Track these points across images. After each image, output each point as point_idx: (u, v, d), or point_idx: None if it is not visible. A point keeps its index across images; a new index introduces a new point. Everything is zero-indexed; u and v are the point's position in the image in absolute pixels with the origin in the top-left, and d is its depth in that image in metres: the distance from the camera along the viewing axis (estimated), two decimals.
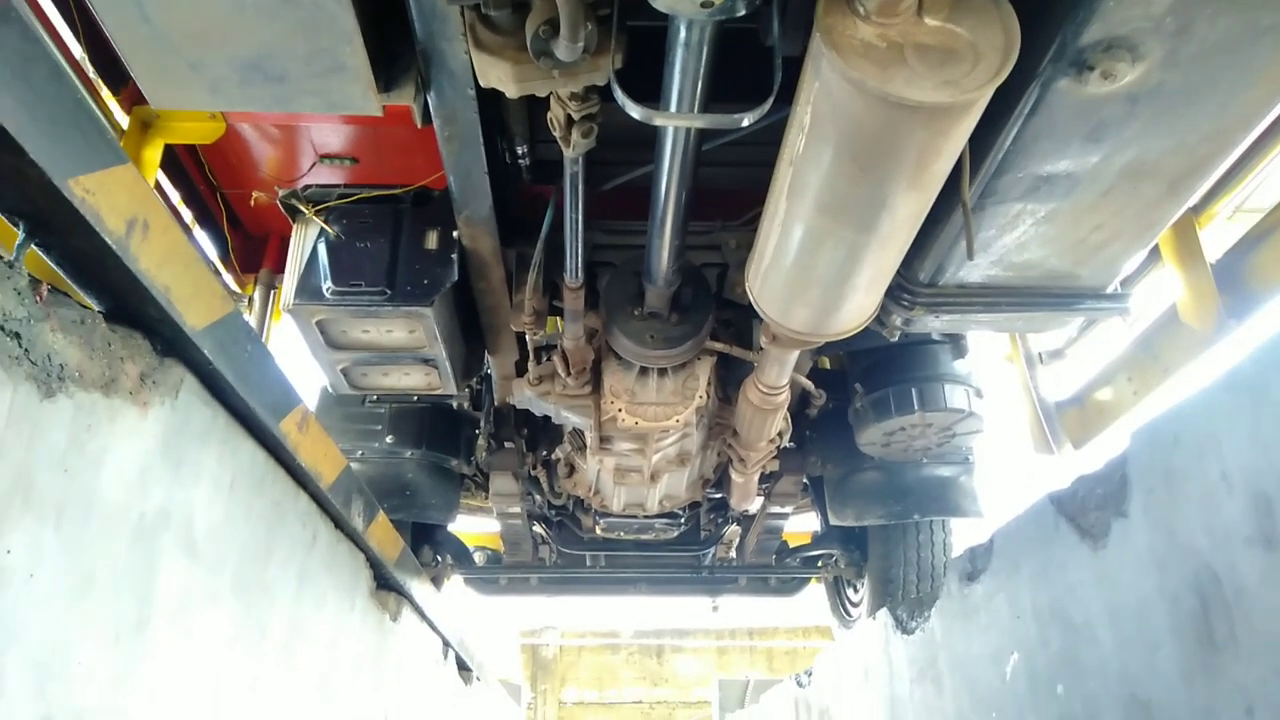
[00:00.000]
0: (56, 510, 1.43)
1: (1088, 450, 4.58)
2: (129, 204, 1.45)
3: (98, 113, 1.34)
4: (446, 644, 5.22)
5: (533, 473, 5.85)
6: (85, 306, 1.52)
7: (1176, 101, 2.24)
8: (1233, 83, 2.21)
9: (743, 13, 1.97)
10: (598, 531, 6.72)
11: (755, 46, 2.36)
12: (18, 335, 1.29)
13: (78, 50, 3.64)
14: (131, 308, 1.61)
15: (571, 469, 5.57)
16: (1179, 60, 2.10)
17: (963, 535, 5.81)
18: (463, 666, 5.92)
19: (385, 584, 3.71)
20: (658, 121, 2.33)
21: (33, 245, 1.42)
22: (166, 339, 1.72)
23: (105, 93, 3.84)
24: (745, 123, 2.25)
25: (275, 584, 2.39)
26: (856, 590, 7.02)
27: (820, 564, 7.10)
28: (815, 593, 7.88)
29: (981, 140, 2.32)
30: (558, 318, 3.89)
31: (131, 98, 3.89)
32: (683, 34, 2.16)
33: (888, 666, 4.28)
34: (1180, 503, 1.88)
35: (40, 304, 1.33)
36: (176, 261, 1.63)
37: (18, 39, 1.19)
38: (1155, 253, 3.79)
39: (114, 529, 1.61)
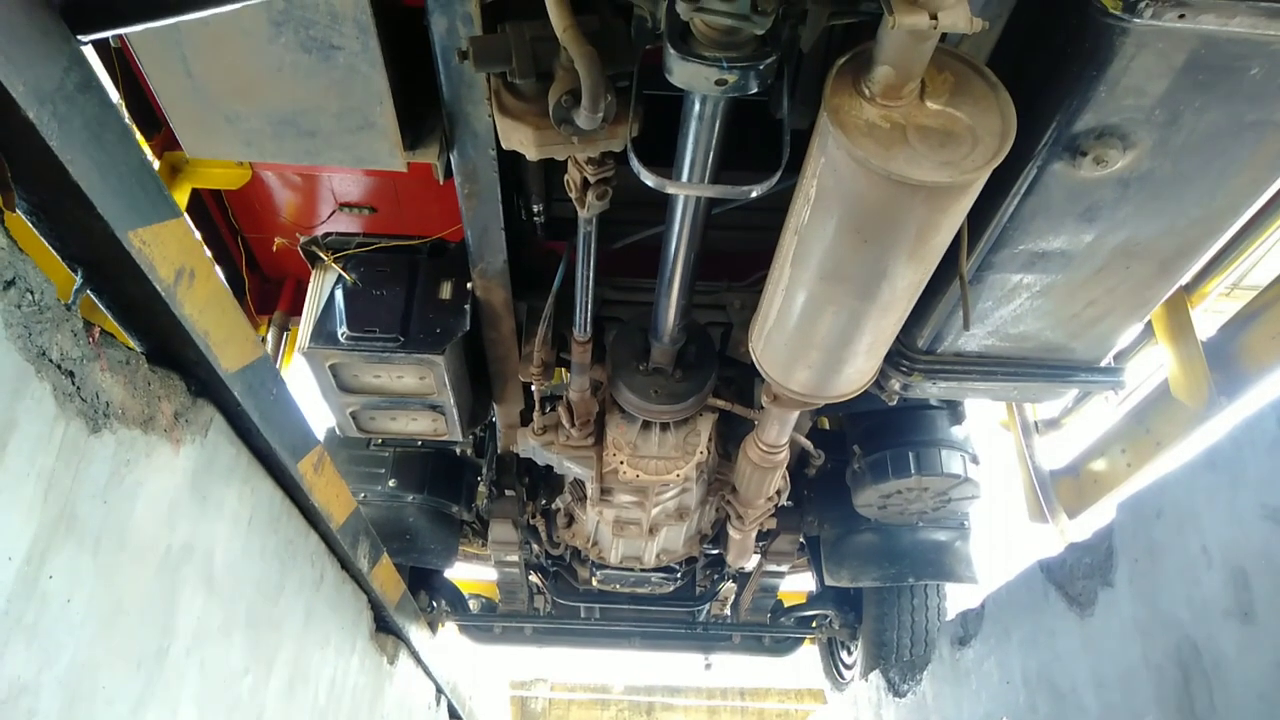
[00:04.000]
0: (95, 540, 1.51)
1: (1081, 520, 4.63)
2: (179, 254, 1.55)
3: (155, 170, 1.45)
4: (440, 690, 5.22)
5: (532, 522, 5.88)
6: (129, 348, 1.60)
7: (1166, 187, 2.33)
8: (1220, 171, 2.30)
9: (754, 90, 2.08)
10: (594, 583, 6.71)
11: (766, 118, 2.47)
12: (72, 374, 1.38)
13: (114, 95, 3.77)
14: (172, 350, 1.71)
15: (571, 519, 5.61)
16: (1168, 149, 2.21)
17: (956, 599, 5.83)
18: (454, 715, 5.90)
19: (385, 626, 3.75)
20: (670, 190, 2.43)
21: (88, 291, 1.51)
22: (200, 380, 1.81)
23: (138, 138, 3.96)
24: (753, 194, 2.34)
25: (284, 620, 2.45)
26: (850, 652, 7.00)
27: (815, 624, 7.10)
28: (809, 655, 7.85)
29: (980, 216, 2.42)
30: (564, 370, 3.97)
31: (163, 143, 4.02)
32: (697, 108, 2.27)
33: None
34: (1163, 575, 1.94)
35: (92, 345, 1.42)
36: (216, 308, 1.72)
37: (96, 106, 1.30)
38: (1150, 328, 3.88)
39: (143, 560, 1.68)
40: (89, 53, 1.42)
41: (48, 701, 1.41)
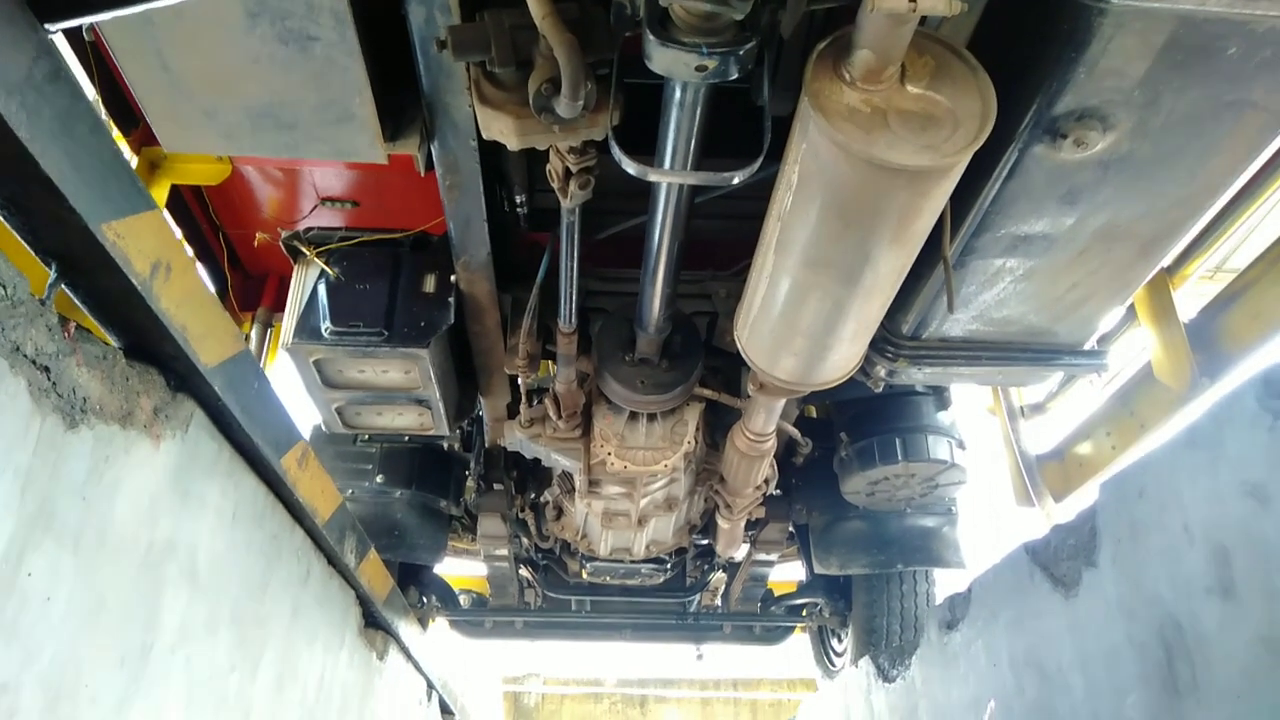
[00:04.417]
0: (74, 537, 1.49)
1: (1067, 503, 4.66)
2: (155, 248, 1.54)
3: (130, 162, 1.44)
4: (430, 685, 5.22)
5: (521, 515, 5.88)
6: (106, 343, 1.59)
7: (1146, 169, 2.34)
8: (1199, 152, 2.31)
9: (735, 76, 2.07)
10: (584, 576, 6.71)
11: (747, 105, 2.47)
12: (47, 369, 1.37)
13: (91, 92, 3.73)
14: (150, 345, 1.69)
15: (560, 512, 5.61)
16: (1148, 130, 2.21)
17: (944, 584, 5.86)
18: (445, 710, 5.90)
19: (374, 622, 3.74)
20: (652, 177, 2.42)
21: (62, 285, 1.50)
22: (180, 375, 1.80)
23: (115, 134, 3.93)
24: (735, 180, 2.34)
25: (270, 617, 2.44)
26: (840, 640, 7.04)
27: (805, 613, 7.13)
28: (801, 645, 7.89)
29: (962, 200, 2.42)
30: (550, 362, 3.97)
31: (141, 139, 3.98)
32: (677, 95, 2.26)
33: (870, 715, 4.31)
34: (1146, 554, 1.95)
35: (68, 340, 1.41)
36: (194, 301, 1.71)
37: (66, 97, 1.28)
38: (1133, 311, 3.90)
39: (124, 557, 1.67)
40: (60, 43, 1.41)
41: (29, 700, 1.40)
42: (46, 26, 1.29)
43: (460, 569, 7.70)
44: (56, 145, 1.27)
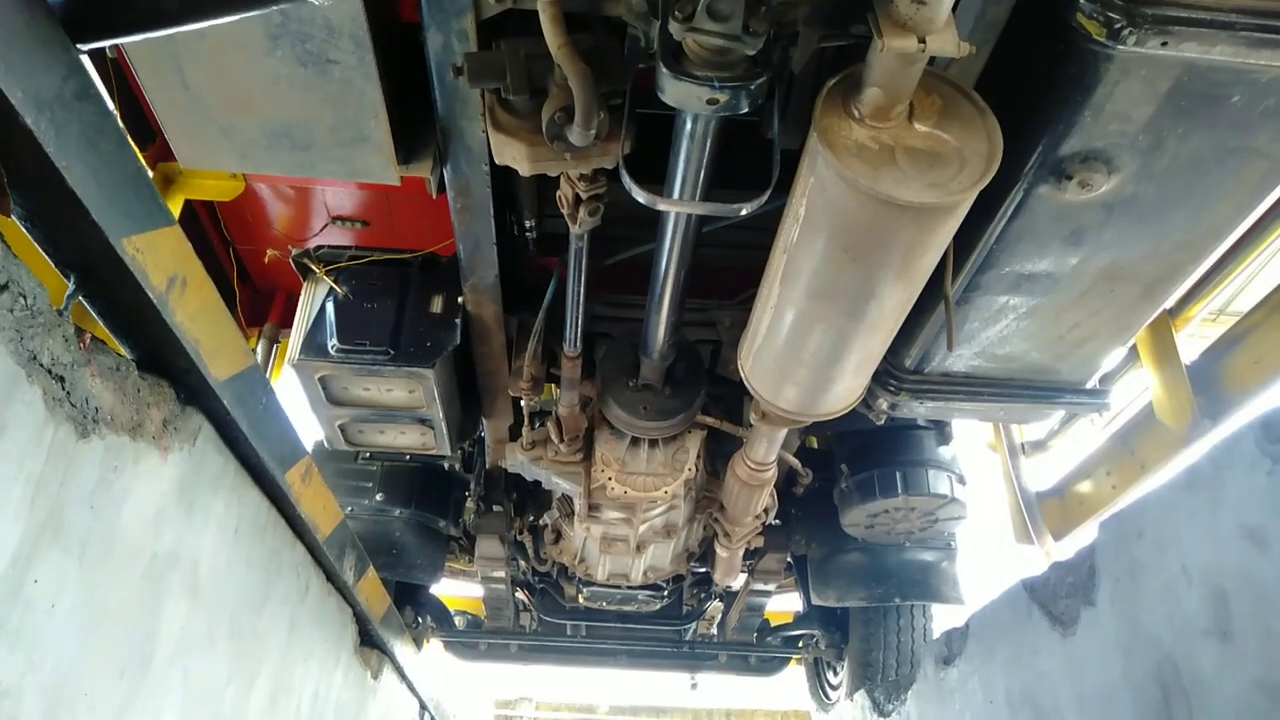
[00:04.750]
0: (81, 546, 1.51)
1: (1067, 542, 4.65)
2: (172, 262, 1.56)
3: (151, 178, 1.47)
4: (423, 706, 5.19)
5: (519, 538, 5.87)
6: (120, 354, 1.61)
7: (1150, 211, 2.36)
8: (1202, 196, 2.33)
9: (745, 110, 2.10)
10: (580, 601, 6.69)
11: (757, 137, 2.50)
12: (62, 379, 1.39)
13: (110, 107, 3.76)
14: (162, 357, 1.72)
15: (558, 536, 5.60)
16: (1152, 174, 2.24)
17: (941, 619, 5.84)
18: None
19: (369, 640, 3.73)
20: (661, 207, 2.44)
21: (80, 297, 1.52)
22: (190, 388, 1.82)
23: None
24: (744, 212, 2.36)
25: (268, 632, 2.45)
26: (836, 673, 7.00)
27: (801, 644, 7.09)
28: (796, 677, 7.84)
29: (967, 238, 2.44)
30: (554, 385, 3.98)
31: (157, 154, 4.02)
32: (688, 126, 2.29)
33: None
34: (1144, 594, 1.96)
35: (83, 351, 1.43)
36: (207, 316, 1.74)
37: (94, 114, 1.31)
38: (1135, 351, 3.91)
39: (128, 567, 1.68)
40: (86, 62, 1.44)
41: (29, 706, 1.41)
42: (78, 46, 1.33)
43: (457, 590, 7.68)
44: (82, 161, 1.30)
